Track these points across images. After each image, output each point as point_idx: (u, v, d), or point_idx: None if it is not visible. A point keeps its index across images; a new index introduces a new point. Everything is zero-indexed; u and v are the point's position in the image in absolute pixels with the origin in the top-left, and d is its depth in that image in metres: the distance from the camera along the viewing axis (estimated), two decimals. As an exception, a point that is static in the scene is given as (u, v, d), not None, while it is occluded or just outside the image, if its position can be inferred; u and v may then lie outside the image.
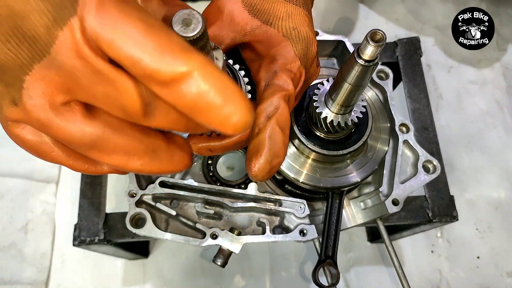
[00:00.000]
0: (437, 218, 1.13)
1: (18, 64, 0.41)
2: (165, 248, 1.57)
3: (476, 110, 1.80)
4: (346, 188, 0.90)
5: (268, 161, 0.62)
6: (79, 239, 1.07)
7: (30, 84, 0.42)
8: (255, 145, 0.63)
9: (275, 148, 0.62)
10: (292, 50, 0.68)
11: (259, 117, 0.64)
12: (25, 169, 1.58)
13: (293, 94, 0.67)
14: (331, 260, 0.87)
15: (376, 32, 0.57)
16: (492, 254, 1.60)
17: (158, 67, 0.37)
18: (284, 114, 0.64)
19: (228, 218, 0.96)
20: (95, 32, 0.38)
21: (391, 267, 1.48)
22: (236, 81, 0.64)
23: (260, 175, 0.63)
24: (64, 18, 0.38)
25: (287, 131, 0.65)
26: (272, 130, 0.62)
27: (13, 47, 0.40)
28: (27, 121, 0.45)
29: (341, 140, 0.84)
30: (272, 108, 0.64)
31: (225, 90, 0.39)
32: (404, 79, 1.29)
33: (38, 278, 1.47)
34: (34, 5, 0.37)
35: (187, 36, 0.43)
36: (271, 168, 0.63)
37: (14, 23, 0.38)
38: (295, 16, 0.71)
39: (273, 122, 0.63)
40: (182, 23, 0.43)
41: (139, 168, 0.49)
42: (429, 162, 0.96)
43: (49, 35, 0.39)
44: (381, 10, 1.95)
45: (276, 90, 0.65)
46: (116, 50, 0.37)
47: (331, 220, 0.91)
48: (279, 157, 0.63)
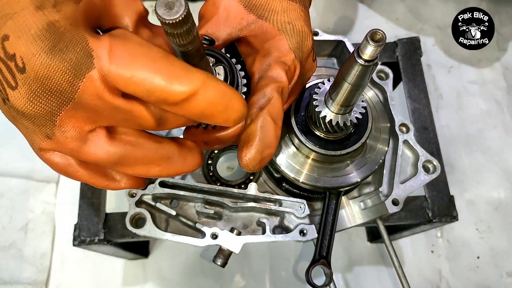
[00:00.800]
0: (437, 218, 1.13)
1: (49, 111, 0.49)
2: (165, 248, 1.57)
3: (476, 110, 1.80)
4: (345, 188, 0.90)
5: (259, 151, 0.62)
6: (79, 239, 1.07)
7: (62, 122, 0.51)
8: (246, 135, 0.63)
9: (267, 139, 0.62)
10: (286, 44, 0.69)
11: (251, 108, 0.64)
12: (25, 169, 1.59)
13: (286, 86, 0.67)
14: (325, 260, 0.87)
15: (376, 32, 0.57)
16: (492, 254, 1.60)
17: (169, 94, 0.46)
18: (277, 105, 0.64)
19: (228, 218, 0.96)
20: (113, 79, 0.47)
21: (391, 267, 1.48)
22: (234, 76, 0.64)
23: (251, 165, 0.63)
24: (83, 72, 0.47)
25: (280, 122, 0.65)
26: (264, 120, 0.62)
27: (43, 101, 0.48)
28: (60, 150, 0.55)
29: (341, 140, 0.84)
30: (264, 99, 0.64)
31: (225, 97, 0.49)
32: (404, 79, 1.29)
33: (38, 278, 1.47)
34: (55, 67, 0.46)
35: (170, 19, 0.44)
36: (262, 159, 0.63)
37: (41, 83, 0.47)
38: (291, 11, 0.71)
39: (265, 113, 0.63)
40: (166, 6, 0.44)
41: (158, 174, 0.58)
42: (429, 162, 0.96)
43: (72, 87, 0.47)
44: (381, 10, 1.95)
45: (269, 82, 0.65)
46: (131, 88, 0.47)
47: (327, 220, 0.90)
48: (270, 148, 0.63)
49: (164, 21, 0.44)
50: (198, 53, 0.52)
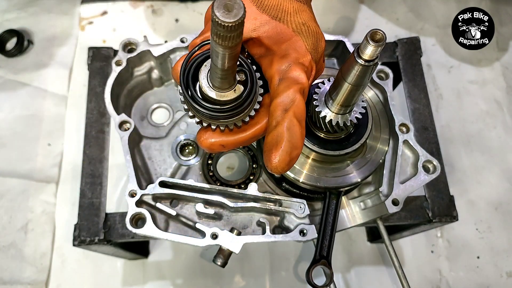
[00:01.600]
0: (437, 218, 1.13)
1: None
2: (165, 248, 1.57)
3: (476, 110, 1.80)
4: (345, 188, 0.90)
5: (288, 153, 0.64)
6: (79, 239, 1.07)
7: None
8: (273, 138, 0.64)
9: (294, 140, 0.64)
10: (303, 45, 0.69)
11: (276, 111, 0.65)
12: (25, 169, 1.58)
13: (307, 87, 0.68)
14: (325, 260, 0.87)
15: (376, 32, 0.57)
16: (492, 254, 1.60)
17: None
18: (301, 106, 0.65)
19: (228, 218, 0.96)
20: None
21: (391, 267, 1.48)
22: (253, 80, 0.65)
23: (280, 166, 0.64)
24: None
25: (304, 123, 0.66)
26: (290, 122, 0.64)
27: None
28: None
29: (341, 140, 0.84)
30: (288, 101, 0.65)
31: None
32: (404, 79, 1.29)
33: (38, 278, 1.47)
34: None
35: (229, 21, 0.43)
36: (291, 160, 0.65)
37: None
38: (302, 12, 0.71)
39: (291, 115, 0.64)
40: (224, 8, 0.44)
41: None
42: (429, 162, 0.96)
43: None
44: (381, 10, 1.95)
45: (291, 84, 0.66)
46: None
47: (327, 221, 0.90)
48: (297, 149, 0.65)
49: (222, 23, 0.43)
50: (236, 57, 0.53)
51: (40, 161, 1.60)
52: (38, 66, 1.75)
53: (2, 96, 1.69)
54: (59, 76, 1.74)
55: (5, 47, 1.74)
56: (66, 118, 1.69)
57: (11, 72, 1.73)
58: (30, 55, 1.77)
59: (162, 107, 1.15)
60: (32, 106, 1.68)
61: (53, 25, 1.83)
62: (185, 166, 1.06)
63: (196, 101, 0.64)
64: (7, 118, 1.65)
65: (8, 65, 1.74)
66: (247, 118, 0.67)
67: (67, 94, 1.72)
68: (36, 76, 1.73)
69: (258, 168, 1.05)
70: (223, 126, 0.67)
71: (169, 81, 1.15)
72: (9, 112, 1.66)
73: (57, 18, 1.84)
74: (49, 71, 1.74)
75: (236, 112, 0.65)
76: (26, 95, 1.69)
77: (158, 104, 1.14)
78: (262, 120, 0.69)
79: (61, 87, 1.73)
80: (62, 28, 1.83)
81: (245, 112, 0.66)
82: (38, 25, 1.82)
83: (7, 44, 1.75)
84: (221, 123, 0.67)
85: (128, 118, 0.98)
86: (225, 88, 0.62)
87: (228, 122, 0.67)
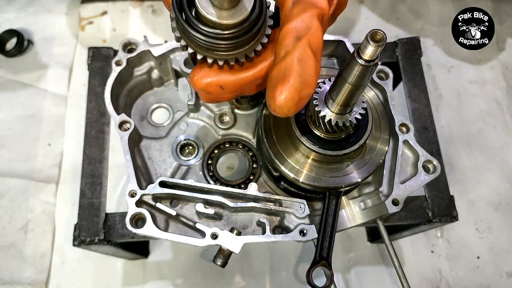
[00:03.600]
0: (437, 218, 1.13)
1: None
2: (165, 248, 1.57)
3: (476, 110, 1.80)
4: (345, 188, 0.90)
5: (297, 89, 0.51)
6: (79, 239, 1.07)
7: None
8: (280, 70, 0.52)
9: (306, 75, 0.51)
10: None
11: (286, 38, 0.53)
12: (25, 169, 1.59)
13: (327, 14, 0.56)
14: (325, 261, 0.87)
15: (376, 32, 0.56)
16: (492, 254, 1.60)
17: None
18: (318, 35, 0.53)
19: (228, 218, 0.96)
20: None
21: (391, 267, 1.48)
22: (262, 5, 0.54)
23: (286, 106, 0.52)
24: None
25: (320, 57, 0.54)
26: (303, 52, 0.51)
27: None
28: None
29: (340, 140, 0.84)
30: (303, 26, 0.53)
31: None
32: (404, 79, 1.29)
33: (38, 278, 1.47)
34: None
35: None
36: (300, 99, 0.52)
37: None
38: None
39: (304, 43, 0.52)
40: None
41: None
42: (429, 162, 0.96)
43: None
44: (381, 10, 1.95)
45: (308, 7, 0.54)
46: None
47: (327, 221, 0.90)
48: (309, 87, 0.52)
49: None
50: None
51: (40, 161, 1.60)
52: (38, 66, 1.75)
53: (2, 96, 1.69)
54: (59, 76, 1.74)
55: (5, 47, 1.74)
56: (66, 118, 1.69)
57: (11, 72, 1.73)
58: (30, 55, 1.77)
59: (162, 107, 1.15)
60: (32, 106, 1.68)
61: (53, 25, 1.83)
62: (185, 166, 1.06)
63: (191, 25, 0.53)
64: (7, 118, 1.65)
65: (8, 65, 1.74)
66: (252, 54, 0.57)
67: (67, 94, 1.73)
68: (36, 76, 1.73)
69: (258, 168, 1.05)
70: (222, 61, 0.56)
71: (169, 81, 1.15)
72: (9, 112, 1.66)
73: (57, 18, 1.84)
74: (49, 71, 1.75)
75: (240, 42, 0.54)
76: (26, 95, 1.70)
77: (158, 104, 1.14)
78: (269, 57, 0.57)
79: (61, 87, 1.73)
80: (62, 28, 1.83)
81: (250, 44, 0.56)
82: (38, 25, 1.82)
83: (7, 44, 1.75)
84: (219, 57, 0.56)
85: (128, 118, 0.98)
86: (228, 7, 0.51)
87: (229, 56, 0.56)
